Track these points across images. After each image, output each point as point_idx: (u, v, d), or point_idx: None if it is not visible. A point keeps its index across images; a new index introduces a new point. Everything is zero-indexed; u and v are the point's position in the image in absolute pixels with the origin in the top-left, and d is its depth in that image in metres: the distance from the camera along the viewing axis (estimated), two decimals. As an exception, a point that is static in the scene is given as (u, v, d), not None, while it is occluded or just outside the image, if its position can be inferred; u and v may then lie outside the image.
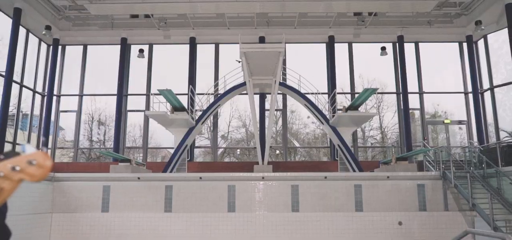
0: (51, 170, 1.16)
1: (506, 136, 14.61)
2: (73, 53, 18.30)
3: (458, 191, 11.79)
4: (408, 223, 11.79)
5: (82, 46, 18.13)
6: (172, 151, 20.27)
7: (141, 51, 17.71)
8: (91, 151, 18.70)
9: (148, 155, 17.68)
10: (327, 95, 16.72)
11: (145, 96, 17.50)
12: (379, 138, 20.82)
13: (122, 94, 16.96)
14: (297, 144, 20.11)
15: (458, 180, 11.79)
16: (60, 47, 17.87)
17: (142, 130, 17.63)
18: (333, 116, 14.66)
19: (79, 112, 17.67)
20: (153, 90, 17.06)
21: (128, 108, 17.61)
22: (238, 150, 22.36)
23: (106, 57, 18.33)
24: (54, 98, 17.47)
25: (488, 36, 17.45)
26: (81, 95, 17.80)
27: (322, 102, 15.81)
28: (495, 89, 16.91)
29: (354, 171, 13.77)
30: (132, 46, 17.98)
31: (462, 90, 17.77)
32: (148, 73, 17.72)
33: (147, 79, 17.65)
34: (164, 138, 18.60)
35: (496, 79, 17.04)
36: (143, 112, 17.32)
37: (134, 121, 18.17)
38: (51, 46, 17.68)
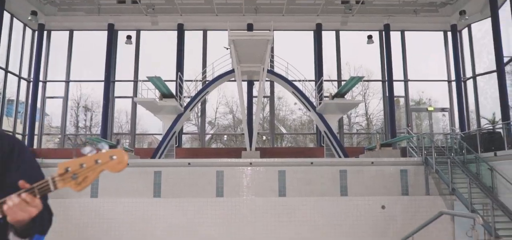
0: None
1: (487, 123, 15.23)
2: (59, 38, 18.28)
3: (439, 176, 12.34)
4: (391, 207, 12.32)
5: (68, 32, 18.11)
6: (158, 137, 20.55)
7: (128, 37, 17.80)
8: (77, 137, 18.81)
9: (135, 141, 17.89)
10: (314, 82, 17.10)
11: (132, 83, 17.63)
12: (364, 125, 21.39)
13: (109, 80, 17.08)
14: (284, 131, 20.53)
15: (439, 166, 12.33)
16: (45, 32, 17.82)
17: (130, 116, 17.80)
18: (320, 103, 15.06)
19: (65, 98, 17.74)
20: (141, 76, 17.21)
21: (116, 94, 17.73)
22: (225, 136, 22.70)
23: (92, 43, 18.35)
24: (40, 84, 17.49)
25: (472, 25, 18.00)
26: (67, 81, 17.85)
27: (309, 89, 16.19)
28: (478, 78, 17.52)
29: (339, 157, 14.23)
30: (119, 32, 18.04)
31: (446, 78, 18.34)
32: (135, 59, 17.84)
33: (134, 66, 17.78)
34: (151, 124, 18.83)
35: (478, 67, 17.65)
36: (130, 99, 17.49)
37: (120, 107, 18.32)
38: (36, 32, 17.63)
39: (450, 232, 11.95)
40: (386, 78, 17.72)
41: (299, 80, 15.78)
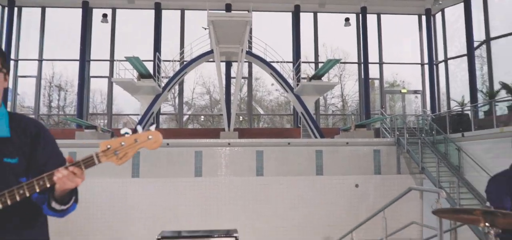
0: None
1: (456, 106, 16.03)
2: (31, 15, 17.90)
3: (410, 156, 13.05)
4: (364, 185, 12.98)
5: (40, 9, 17.76)
6: (134, 117, 20.63)
7: (104, 16, 17.61)
8: (50, 117, 18.66)
9: (112, 122, 17.91)
10: (291, 64, 17.47)
11: (108, 62, 17.53)
12: (340, 106, 22.03)
13: (84, 59, 16.91)
14: (261, 111, 20.94)
15: (410, 146, 13.02)
16: (16, 8, 17.44)
17: (104, 96, 17.76)
18: (297, 84, 15.47)
19: (38, 78, 17.50)
20: (117, 56, 17.15)
21: (91, 74, 17.61)
22: (202, 117, 22.94)
23: (66, 20, 18.07)
24: (12, 62, 17.18)
25: (446, 9, 18.70)
26: (40, 60, 17.59)
27: (286, 69, 16.55)
28: (449, 61, 18.32)
29: (316, 137, 14.75)
30: (94, 10, 17.82)
31: (419, 61, 19.08)
32: (111, 38, 17.69)
33: (110, 45, 17.64)
34: (125, 104, 18.90)
35: (450, 51, 18.42)
36: (106, 78, 17.43)
37: (93, 87, 18.22)
38: (7, 8, 17.22)
39: (419, 209, 12.75)
40: (362, 61, 18.26)
41: (277, 62, 16.12)
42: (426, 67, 18.63)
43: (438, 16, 19.05)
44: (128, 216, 12.28)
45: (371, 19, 18.77)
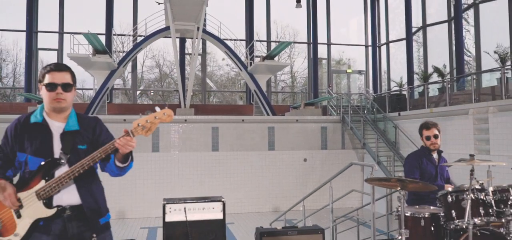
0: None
1: (395, 86, 17.96)
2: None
3: (353, 133, 14.78)
4: (311, 159, 14.57)
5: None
6: (80, 92, 20.76)
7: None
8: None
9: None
10: (245, 42, 18.46)
11: (57, 34, 17.48)
12: (289, 82, 23.55)
13: (32, 31, 16.78)
14: (214, 87, 21.89)
15: (354, 123, 14.75)
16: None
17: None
18: (251, 63, 16.58)
19: (-20, 48, 17.15)
20: (66, 28, 17.21)
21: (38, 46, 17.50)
22: (152, 92, 23.46)
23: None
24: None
25: (389, -6, 20.51)
26: (-19, 29, 17.21)
27: (239, 46, 17.53)
28: (390, 44, 20.26)
29: (268, 114, 16.04)
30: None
31: (364, 43, 20.86)
32: (60, 9, 17.60)
33: (59, 17, 17.56)
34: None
35: (391, 35, 20.35)
36: (55, 51, 17.44)
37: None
38: None
39: (360, 180, 14.57)
40: (311, 41, 19.63)
41: (231, 39, 17.06)
42: (370, 48, 20.45)
43: (382, 0, 20.82)
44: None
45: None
